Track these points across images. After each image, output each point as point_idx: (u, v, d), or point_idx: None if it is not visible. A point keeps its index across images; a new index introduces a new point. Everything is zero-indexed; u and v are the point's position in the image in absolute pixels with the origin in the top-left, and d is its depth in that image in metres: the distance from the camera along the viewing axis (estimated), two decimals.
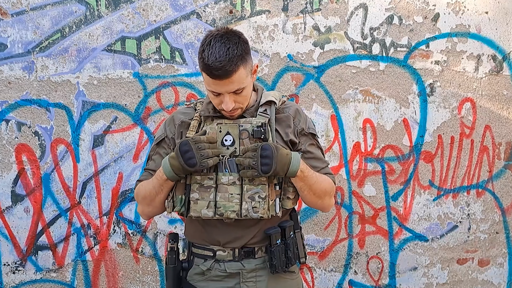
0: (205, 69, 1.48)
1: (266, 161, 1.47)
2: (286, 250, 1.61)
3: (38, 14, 2.42)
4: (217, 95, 1.53)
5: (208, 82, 1.51)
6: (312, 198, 1.63)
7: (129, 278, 2.61)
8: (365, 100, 2.78)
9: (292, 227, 1.66)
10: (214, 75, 1.46)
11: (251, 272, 1.61)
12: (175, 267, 1.65)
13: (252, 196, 1.53)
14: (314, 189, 1.60)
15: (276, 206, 1.58)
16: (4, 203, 2.46)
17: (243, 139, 1.56)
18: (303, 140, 1.66)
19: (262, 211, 1.53)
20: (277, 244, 1.59)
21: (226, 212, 1.54)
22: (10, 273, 2.50)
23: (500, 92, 2.96)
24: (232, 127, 1.56)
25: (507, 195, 3.03)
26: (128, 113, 2.54)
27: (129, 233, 2.59)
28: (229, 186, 1.54)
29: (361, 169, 2.80)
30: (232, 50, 1.46)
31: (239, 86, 1.51)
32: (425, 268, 2.95)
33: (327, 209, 1.72)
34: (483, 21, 2.89)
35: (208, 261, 1.64)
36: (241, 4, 2.60)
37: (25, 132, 2.45)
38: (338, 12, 2.71)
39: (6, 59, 2.40)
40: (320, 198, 1.64)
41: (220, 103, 1.54)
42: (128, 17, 2.50)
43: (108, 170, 2.54)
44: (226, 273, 1.62)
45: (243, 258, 1.62)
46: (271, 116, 1.61)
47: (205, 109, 1.64)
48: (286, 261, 1.61)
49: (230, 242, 1.62)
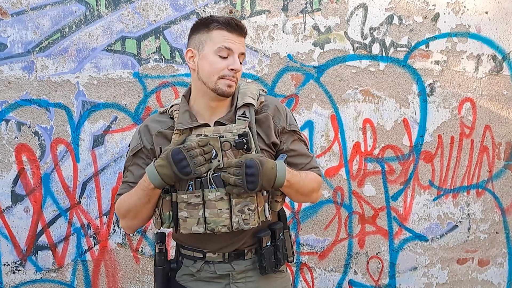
0: (225, 22, 1.56)
1: (251, 179, 1.44)
2: (276, 252, 1.61)
3: (38, 14, 2.42)
4: (225, 57, 1.55)
5: (222, 38, 1.55)
6: (299, 198, 1.65)
7: (129, 278, 2.61)
8: (365, 100, 2.78)
9: (281, 229, 1.66)
10: (235, 27, 1.56)
11: (241, 273, 1.61)
12: (164, 268, 1.64)
13: (242, 209, 1.51)
14: (302, 191, 1.60)
15: (265, 211, 1.56)
16: (4, 203, 2.46)
17: (225, 151, 1.52)
18: (285, 139, 1.64)
19: (253, 222, 1.52)
20: (267, 247, 1.60)
21: (217, 227, 1.52)
22: (10, 273, 2.50)
23: (500, 92, 2.96)
24: (213, 140, 1.52)
25: (507, 195, 3.03)
26: (128, 113, 2.54)
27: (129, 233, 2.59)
28: (217, 202, 1.51)
29: (361, 169, 2.80)
30: None
31: (244, 52, 1.61)
32: (425, 268, 2.95)
33: (314, 202, 1.75)
34: (483, 21, 2.89)
35: (198, 262, 1.63)
36: (241, 4, 2.60)
37: (25, 132, 2.45)
38: (338, 12, 2.71)
39: (6, 59, 2.40)
40: (308, 196, 1.65)
41: (226, 66, 1.55)
42: (128, 17, 2.50)
43: (108, 170, 2.54)
44: (216, 274, 1.61)
45: (233, 260, 1.61)
46: (251, 119, 1.57)
47: (183, 121, 1.59)
48: (276, 262, 1.61)
49: (220, 248, 1.61)
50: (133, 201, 1.56)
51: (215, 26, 1.56)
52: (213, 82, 1.55)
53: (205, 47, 1.57)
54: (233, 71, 1.55)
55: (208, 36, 1.57)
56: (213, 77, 1.55)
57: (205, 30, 1.58)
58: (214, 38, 1.55)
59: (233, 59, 1.55)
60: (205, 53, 1.57)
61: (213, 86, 1.55)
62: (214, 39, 1.55)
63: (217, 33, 1.55)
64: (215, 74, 1.55)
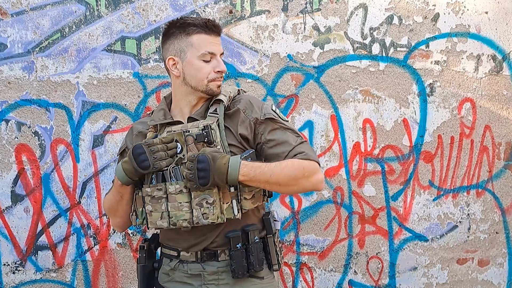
0: (203, 25, 1.58)
1: (202, 174, 1.44)
2: (248, 255, 1.57)
3: (38, 14, 2.42)
4: (208, 61, 1.59)
5: (203, 43, 1.58)
6: (279, 188, 1.57)
7: (129, 278, 2.61)
8: (365, 100, 2.78)
9: (257, 232, 1.61)
10: (213, 28, 1.59)
11: (212, 274, 1.59)
12: (144, 266, 1.69)
13: (200, 202, 1.51)
14: (275, 182, 1.52)
15: (234, 208, 1.54)
16: (4, 203, 2.46)
17: (189, 145, 1.54)
18: (262, 129, 1.60)
19: (212, 217, 1.50)
20: (237, 248, 1.56)
21: (178, 222, 1.53)
22: (10, 273, 2.50)
23: (500, 92, 2.96)
24: (178, 135, 1.55)
25: (507, 195, 3.03)
26: (128, 113, 2.54)
27: (129, 233, 2.59)
28: (177, 195, 1.52)
29: (361, 169, 2.80)
30: None
31: (222, 51, 1.65)
32: (425, 268, 2.95)
33: (316, 189, 1.61)
34: (483, 21, 2.89)
35: (173, 261, 1.65)
36: (241, 4, 2.60)
37: (25, 132, 2.45)
38: (338, 12, 2.71)
39: (6, 59, 2.40)
40: (290, 185, 1.54)
41: (211, 69, 1.59)
42: (128, 17, 2.50)
43: (108, 170, 2.54)
44: (188, 274, 1.61)
45: (206, 260, 1.60)
46: (220, 114, 1.58)
47: (155, 118, 1.65)
48: (248, 266, 1.56)
49: (191, 246, 1.61)
50: (110, 199, 1.67)
51: (194, 30, 1.57)
52: (204, 85, 1.61)
53: (187, 53, 1.59)
54: (219, 72, 1.60)
55: (188, 42, 1.59)
56: (202, 81, 1.60)
57: (183, 35, 1.59)
58: (195, 44, 1.58)
59: (217, 61, 1.61)
60: (188, 59, 1.59)
61: (204, 88, 1.61)
62: (195, 45, 1.58)
63: (197, 38, 1.57)
64: (204, 79, 1.60)
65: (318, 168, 1.57)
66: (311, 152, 1.58)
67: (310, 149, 1.59)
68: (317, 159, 1.58)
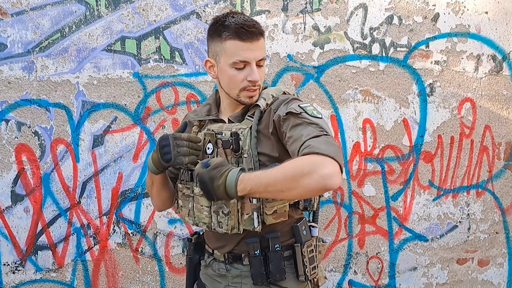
0: (237, 30, 1.46)
1: (205, 193, 1.38)
2: (269, 263, 1.51)
3: (38, 14, 2.41)
4: (242, 68, 1.50)
5: (236, 51, 1.48)
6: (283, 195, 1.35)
7: (129, 278, 2.61)
8: (365, 100, 2.78)
9: (277, 239, 1.52)
10: (248, 34, 1.46)
11: (236, 277, 1.58)
12: (191, 257, 1.71)
13: (217, 210, 1.49)
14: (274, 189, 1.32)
15: (254, 220, 1.47)
16: (4, 203, 2.45)
17: (218, 149, 1.52)
18: (285, 127, 1.45)
19: (226, 227, 1.49)
20: (255, 255, 1.51)
21: (200, 223, 1.54)
22: (10, 273, 2.50)
23: (500, 92, 2.96)
24: (211, 135, 1.53)
25: (507, 195, 3.03)
26: (128, 113, 2.54)
27: (129, 233, 2.59)
28: (200, 197, 1.51)
29: (361, 169, 2.80)
30: (253, 19, 1.54)
31: (263, 55, 1.51)
32: (425, 268, 2.95)
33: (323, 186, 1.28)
34: (483, 21, 2.89)
35: (209, 257, 1.66)
36: (241, 4, 2.60)
37: (25, 132, 2.45)
38: (338, 12, 2.71)
39: (6, 59, 2.40)
40: (292, 188, 1.30)
41: (244, 78, 1.50)
42: (128, 17, 2.50)
43: (108, 170, 2.54)
44: (216, 273, 1.62)
45: (232, 262, 1.58)
46: (254, 120, 1.51)
47: (199, 113, 1.63)
48: (267, 274, 1.51)
49: (218, 247, 1.61)
50: (146, 181, 1.72)
51: (227, 36, 1.48)
52: (235, 94, 1.53)
53: (221, 59, 1.52)
54: (252, 82, 1.50)
55: (222, 47, 1.51)
56: (234, 90, 1.53)
57: (218, 39, 1.51)
58: (228, 50, 1.49)
59: (251, 69, 1.49)
60: (221, 65, 1.53)
61: (235, 97, 1.54)
62: (228, 52, 1.49)
63: (230, 44, 1.48)
64: (235, 87, 1.52)
65: (323, 161, 1.27)
66: (321, 144, 1.31)
67: (322, 142, 1.32)
68: (328, 151, 1.29)
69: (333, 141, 1.35)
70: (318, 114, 1.44)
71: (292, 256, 1.55)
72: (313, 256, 1.56)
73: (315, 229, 1.61)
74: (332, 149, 1.30)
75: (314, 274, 1.56)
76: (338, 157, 1.29)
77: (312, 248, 1.57)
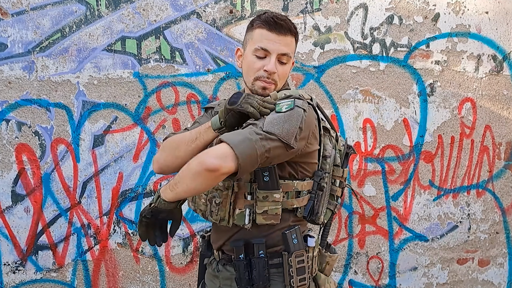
0: (266, 19, 1.48)
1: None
2: (251, 269, 1.48)
3: (38, 14, 2.42)
4: (262, 57, 1.50)
5: (260, 38, 1.49)
6: (189, 189, 1.36)
7: (129, 278, 2.61)
8: (365, 100, 2.78)
9: (262, 245, 1.49)
10: (275, 25, 1.47)
11: (226, 279, 1.57)
12: (203, 254, 1.69)
13: (211, 199, 1.50)
14: (187, 189, 1.35)
15: (245, 217, 1.46)
16: (4, 203, 2.46)
17: None
18: None
19: (215, 217, 1.49)
20: (239, 259, 1.49)
21: (197, 210, 1.57)
22: (10, 273, 2.50)
23: (500, 92, 2.96)
24: None
25: (507, 195, 3.03)
26: (128, 113, 2.54)
27: (129, 233, 2.59)
28: None
29: (361, 169, 2.80)
30: (290, 20, 1.54)
31: (288, 51, 1.50)
32: (425, 268, 2.95)
33: (202, 162, 1.29)
34: (483, 21, 2.89)
35: (211, 256, 1.67)
36: (241, 4, 2.60)
37: (25, 132, 2.45)
38: (338, 12, 2.71)
39: (6, 59, 2.40)
40: (193, 180, 1.33)
41: (261, 67, 1.49)
42: (128, 17, 2.50)
43: (108, 170, 2.54)
44: (212, 273, 1.63)
45: (224, 263, 1.57)
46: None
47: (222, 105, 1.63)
48: (250, 281, 1.48)
49: (214, 240, 1.62)
50: (183, 137, 1.52)
51: (257, 24, 1.51)
52: (250, 82, 1.53)
53: (247, 46, 1.54)
54: (267, 72, 1.49)
55: (251, 35, 1.53)
56: (249, 77, 1.53)
57: (250, 28, 1.54)
58: (254, 37, 1.51)
59: (269, 60, 1.49)
60: (246, 52, 1.55)
61: (250, 86, 1.54)
62: (254, 38, 1.51)
63: (258, 32, 1.50)
64: (251, 74, 1.52)
65: (216, 146, 1.33)
66: (230, 134, 1.35)
67: (235, 133, 1.36)
68: (226, 138, 1.32)
69: (248, 133, 1.33)
70: (285, 108, 1.41)
71: (280, 264, 1.50)
72: (303, 267, 1.49)
73: (311, 239, 1.55)
74: (234, 137, 1.32)
75: (303, 285, 1.49)
76: (235, 144, 1.30)
77: (303, 259, 1.50)
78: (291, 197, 1.50)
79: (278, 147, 1.35)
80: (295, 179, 1.50)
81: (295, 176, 1.50)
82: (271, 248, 1.51)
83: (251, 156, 1.31)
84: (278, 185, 1.46)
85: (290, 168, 1.49)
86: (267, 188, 1.45)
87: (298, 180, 1.50)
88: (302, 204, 1.52)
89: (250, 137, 1.32)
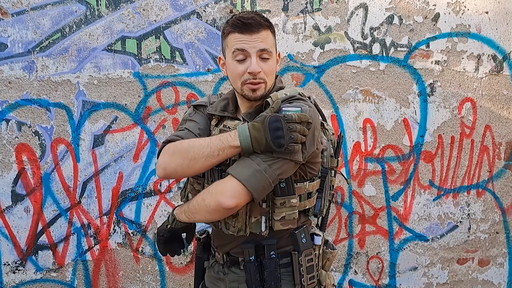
0: (234, 23, 1.47)
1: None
2: (263, 270, 1.49)
3: (38, 14, 2.42)
4: (243, 60, 1.48)
5: (234, 42, 1.48)
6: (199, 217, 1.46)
7: (129, 278, 2.61)
8: (365, 100, 2.78)
9: (273, 246, 1.50)
10: (245, 26, 1.46)
11: (233, 282, 1.56)
12: (199, 257, 1.70)
13: None
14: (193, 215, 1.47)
15: (262, 225, 1.47)
16: (4, 202, 2.46)
17: None
18: None
19: (232, 229, 1.49)
20: (250, 261, 1.50)
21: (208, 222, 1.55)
22: (10, 273, 2.50)
23: (500, 92, 2.96)
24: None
25: (507, 195, 3.03)
26: (128, 113, 2.54)
27: (129, 233, 2.59)
28: None
29: (361, 169, 2.80)
30: (259, 14, 1.52)
31: (265, 47, 1.48)
32: (425, 268, 2.95)
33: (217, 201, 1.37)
34: (483, 21, 2.89)
35: (212, 259, 1.66)
36: (241, 4, 2.60)
37: (25, 132, 2.45)
38: (338, 12, 2.71)
39: (7, 59, 2.40)
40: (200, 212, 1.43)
41: (245, 70, 1.48)
42: (128, 17, 2.50)
43: (108, 170, 2.54)
44: (216, 276, 1.62)
45: (230, 265, 1.57)
46: None
47: (215, 107, 1.60)
48: (262, 282, 1.49)
49: (220, 246, 1.61)
50: (201, 145, 1.40)
51: (228, 30, 1.50)
52: (239, 88, 1.52)
53: (226, 54, 1.54)
54: (251, 74, 1.47)
55: (226, 43, 1.53)
56: (237, 83, 1.51)
57: (223, 36, 1.54)
58: (229, 44, 1.50)
59: (250, 61, 1.47)
60: (227, 60, 1.54)
61: (240, 91, 1.52)
62: (229, 45, 1.50)
63: (230, 37, 1.49)
64: (237, 80, 1.50)
65: (227, 180, 1.38)
66: (238, 166, 1.38)
67: (243, 164, 1.38)
68: (236, 173, 1.37)
69: (257, 164, 1.36)
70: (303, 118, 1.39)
71: (290, 263, 1.52)
72: (312, 266, 1.52)
73: (318, 238, 1.57)
74: (243, 171, 1.36)
75: (312, 284, 1.52)
76: (245, 179, 1.35)
77: (312, 257, 1.53)
78: (304, 199, 1.52)
79: (288, 164, 1.39)
80: (304, 180, 1.51)
81: (304, 177, 1.51)
82: (281, 248, 1.53)
83: (264, 187, 1.37)
84: (294, 190, 1.47)
85: (300, 170, 1.49)
86: (284, 194, 1.46)
87: (307, 181, 1.51)
88: (312, 204, 1.55)
89: (259, 168, 1.36)
